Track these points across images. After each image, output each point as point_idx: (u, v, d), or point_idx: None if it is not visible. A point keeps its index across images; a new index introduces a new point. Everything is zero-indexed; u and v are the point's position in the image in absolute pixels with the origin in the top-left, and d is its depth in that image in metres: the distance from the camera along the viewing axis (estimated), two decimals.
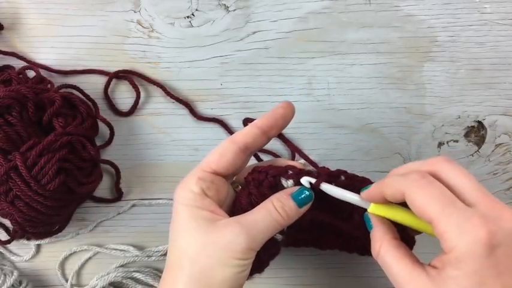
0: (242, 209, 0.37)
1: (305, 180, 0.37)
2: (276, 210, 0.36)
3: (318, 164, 0.48)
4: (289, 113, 0.39)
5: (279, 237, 0.39)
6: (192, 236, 0.35)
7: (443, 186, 0.31)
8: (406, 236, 0.37)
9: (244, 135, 0.38)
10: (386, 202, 0.35)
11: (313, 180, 0.37)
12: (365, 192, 0.36)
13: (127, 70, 0.51)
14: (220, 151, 0.38)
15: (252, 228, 0.35)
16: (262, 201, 0.37)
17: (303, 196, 0.37)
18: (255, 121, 0.39)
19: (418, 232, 0.37)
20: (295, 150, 0.46)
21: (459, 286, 0.29)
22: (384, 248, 0.34)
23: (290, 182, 0.38)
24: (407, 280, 0.32)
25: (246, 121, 0.40)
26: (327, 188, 0.37)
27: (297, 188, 0.37)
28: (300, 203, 0.37)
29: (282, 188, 0.38)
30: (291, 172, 0.38)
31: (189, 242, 0.35)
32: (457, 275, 0.29)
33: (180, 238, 0.36)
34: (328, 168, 0.39)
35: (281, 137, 0.42)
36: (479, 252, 0.29)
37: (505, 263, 0.29)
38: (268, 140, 0.39)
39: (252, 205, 0.37)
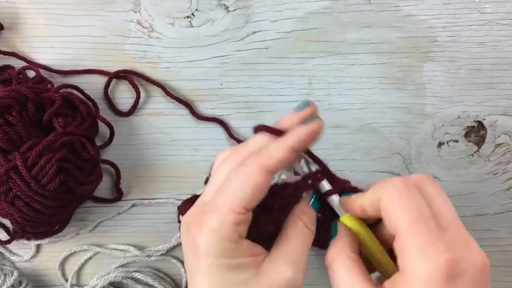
0: (267, 235, 0.34)
1: (325, 186, 0.36)
2: (307, 229, 0.34)
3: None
4: (319, 127, 0.33)
5: None
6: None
7: (422, 201, 0.29)
8: None
9: (280, 162, 0.31)
10: (363, 215, 0.33)
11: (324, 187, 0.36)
12: (345, 199, 0.34)
13: (127, 70, 0.51)
14: (252, 187, 0.30)
15: (299, 262, 0.32)
16: (284, 219, 0.34)
17: (317, 203, 0.36)
18: (289, 142, 0.32)
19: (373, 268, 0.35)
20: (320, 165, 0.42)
21: None
22: (340, 260, 0.32)
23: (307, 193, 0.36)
24: None
25: (259, 129, 0.34)
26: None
27: (309, 196, 0.36)
28: (316, 210, 0.36)
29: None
30: (310, 182, 0.35)
31: None
32: None
33: None
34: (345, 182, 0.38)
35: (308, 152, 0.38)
36: (438, 280, 0.27)
37: None
38: None
39: (278, 229, 0.35)
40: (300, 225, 0.34)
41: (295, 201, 0.35)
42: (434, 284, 0.27)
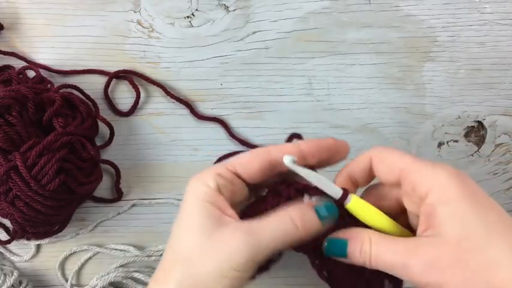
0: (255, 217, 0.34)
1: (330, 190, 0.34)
2: (290, 221, 0.32)
3: None
4: (340, 148, 0.36)
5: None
6: (195, 235, 0.32)
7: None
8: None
9: (281, 150, 0.34)
10: (355, 184, 0.36)
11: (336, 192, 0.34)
12: (337, 180, 0.36)
13: (127, 70, 0.51)
14: (250, 156, 0.35)
15: (259, 240, 0.31)
16: None
17: (327, 209, 0.33)
18: (298, 142, 0.36)
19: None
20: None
21: (463, 218, 0.29)
22: (375, 247, 0.32)
23: (314, 199, 0.34)
24: (413, 256, 0.30)
25: (292, 137, 0.42)
26: (298, 169, 0.34)
27: (322, 201, 0.34)
28: (323, 217, 0.33)
29: None
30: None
31: (191, 241, 0.32)
32: (451, 209, 0.30)
33: (183, 235, 0.33)
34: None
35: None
36: (459, 177, 0.31)
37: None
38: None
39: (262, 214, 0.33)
40: (283, 215, 0.33)
41: (289, 194, 0.34)
42: (459, 179, 0.31)
